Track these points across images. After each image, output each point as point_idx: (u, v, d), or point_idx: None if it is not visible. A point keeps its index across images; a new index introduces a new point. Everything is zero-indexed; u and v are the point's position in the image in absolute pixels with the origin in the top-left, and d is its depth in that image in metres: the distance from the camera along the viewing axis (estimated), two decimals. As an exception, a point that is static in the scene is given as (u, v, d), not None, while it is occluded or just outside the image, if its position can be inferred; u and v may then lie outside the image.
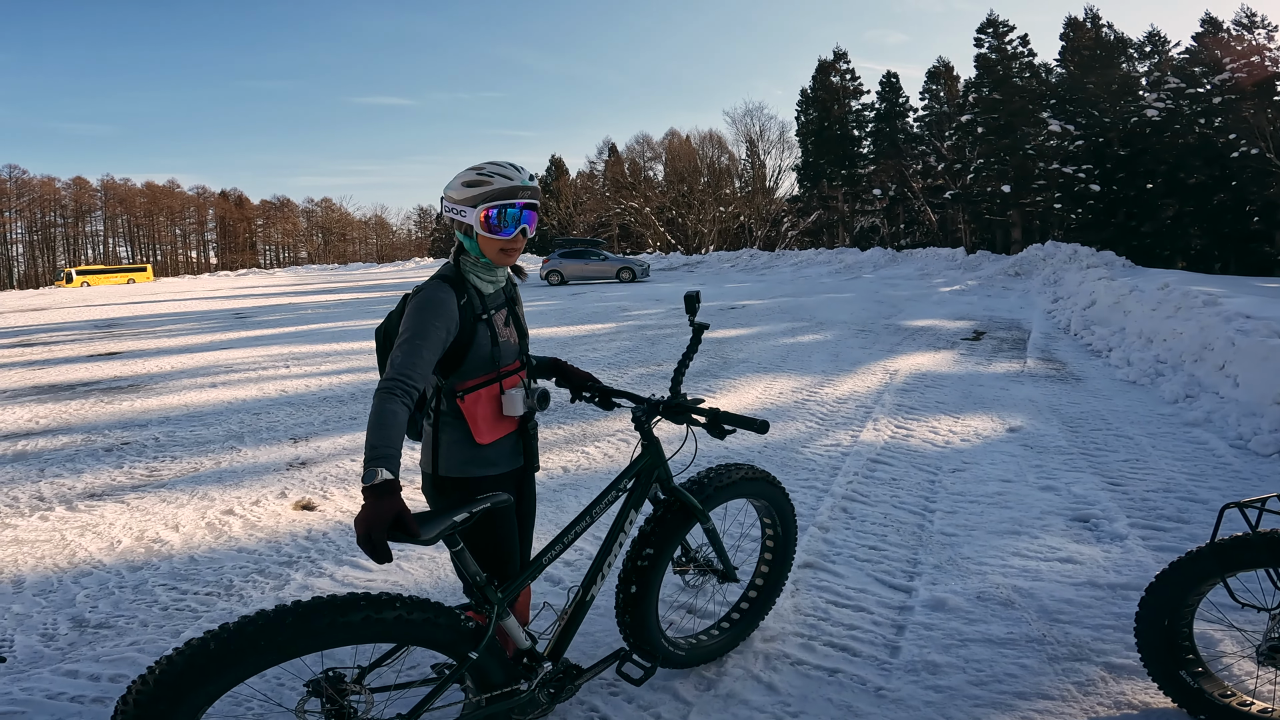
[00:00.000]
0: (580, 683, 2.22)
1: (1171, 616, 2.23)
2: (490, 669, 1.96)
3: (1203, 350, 6.93)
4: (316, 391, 7.96)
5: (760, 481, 2.64)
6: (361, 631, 1.71)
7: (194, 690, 1.55)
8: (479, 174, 2.02)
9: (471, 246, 2.06)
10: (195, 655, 1.56)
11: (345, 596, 1.71)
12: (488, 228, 2.01)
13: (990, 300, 16.07)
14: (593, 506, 2.22)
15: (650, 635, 2.40)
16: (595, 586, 2.26)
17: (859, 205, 41.70)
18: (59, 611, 3.18)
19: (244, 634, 1.59)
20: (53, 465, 5.44)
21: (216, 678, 1.57)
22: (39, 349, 13.05)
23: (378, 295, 24.88)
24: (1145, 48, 34.41)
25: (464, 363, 2.05)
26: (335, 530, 4.03)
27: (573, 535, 2.17)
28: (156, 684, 1.54)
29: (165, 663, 1.56)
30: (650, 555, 2.37)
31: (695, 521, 2.44)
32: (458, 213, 2.03)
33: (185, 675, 1.55)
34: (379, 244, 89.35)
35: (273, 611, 1.64)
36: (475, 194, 2.01)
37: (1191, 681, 2.23)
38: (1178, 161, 27.09)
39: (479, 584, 1.92)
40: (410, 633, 1.78)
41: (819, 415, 6.26)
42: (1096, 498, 4.14)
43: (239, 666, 1.59)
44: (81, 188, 77.98)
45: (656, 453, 2.37)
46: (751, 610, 2.81)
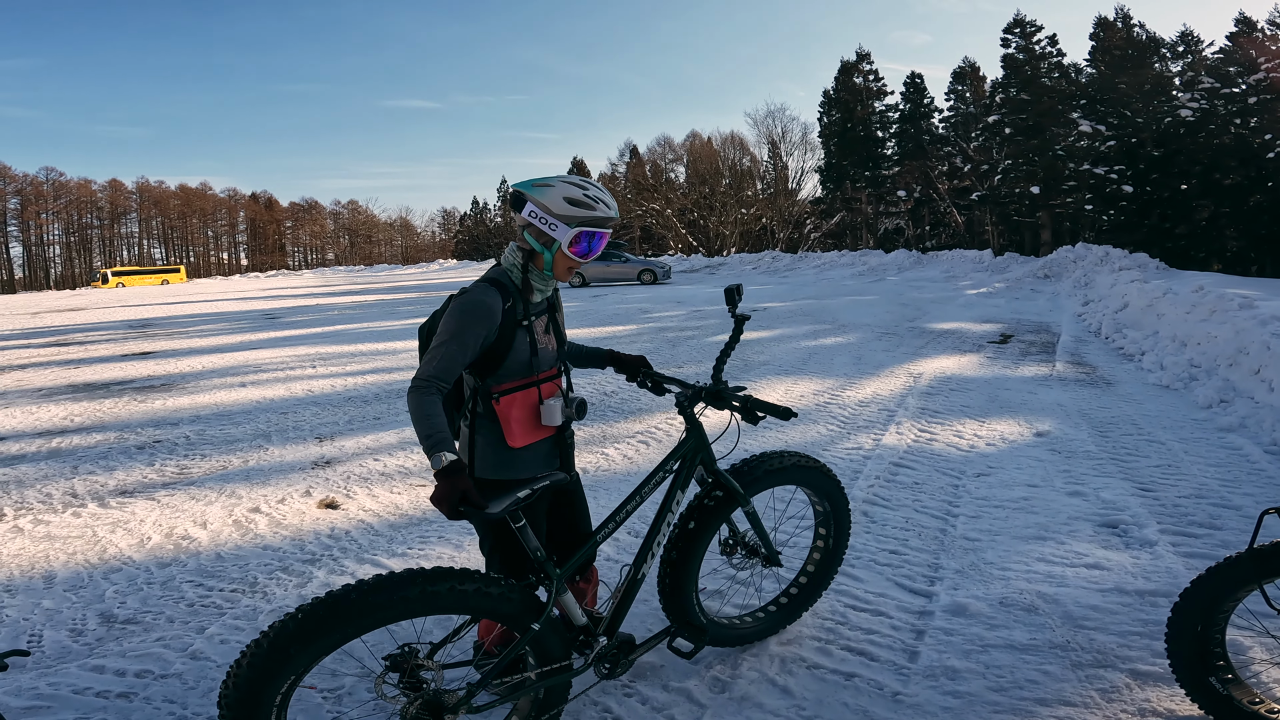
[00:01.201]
0: (634, 657, 2.32)
1: (1205, 622, 2.18)
2: (550, 642, 2.06)
3: (1238, 354, 6.76)
4: (342, 391, 8.07)
5: (814, 470, 2.70)
6: (445, 601, 1.86)
7: (303, 649, 1.73)
8: (585, 196, 2.05)
9: (547, 258, 2.09)
10: (306, 619, 1.73)
11: (433, 569, 1.87)
12: (575, 250, 2.07)
13: (1018, 303, 15.83)
14: (641, 487, 2.33)
15: (688, 612, 2.49)
16: (646, 565, 2.36)
17: (883, 207, 41.31)
18: (88, 607, 3.25)
19: (348, 600, 1.76)
20: (86, 462, 5.57)
21: (324, 638, 1.74)
22: (75, 348, 13.38)
23: (402, 297, 25.15)
24: (1178, 47, 33.70)
25: (501, 366, 2.08)
26: (357, 529, 4.08)
27: (624, 514, 2.29)
28: (270, 645, 1.71)
29: (278, 626, 1.73)
30: (689, 536, 2.46)
31: (737, 504, 2.50)
32: (548, 225, 2.05)
33: (297, 635, 1.72)
34: (404, 246, 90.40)
35: (371, 580, 1.80)
36: (577, 215, 2.05)
37: (1221, 688, 2.18)
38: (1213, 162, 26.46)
39: (539, 559, 2.03)
40: (484, 605, 1.92)
41: (840, 418, 6.21)
42: (1126, 503, 4.06)
43: (344, 630, 1.76)
44: (117, 190, 79.91)
45: (700, 437, 2.44)
46: (798, 597, 2.87)
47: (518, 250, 2.14)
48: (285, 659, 1.72)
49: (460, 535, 3.92)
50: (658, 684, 2.54)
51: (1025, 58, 33.02)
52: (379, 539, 3.93)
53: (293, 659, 1.72)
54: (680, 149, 58.50)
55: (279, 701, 1.77)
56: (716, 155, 54.36)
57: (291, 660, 1.72)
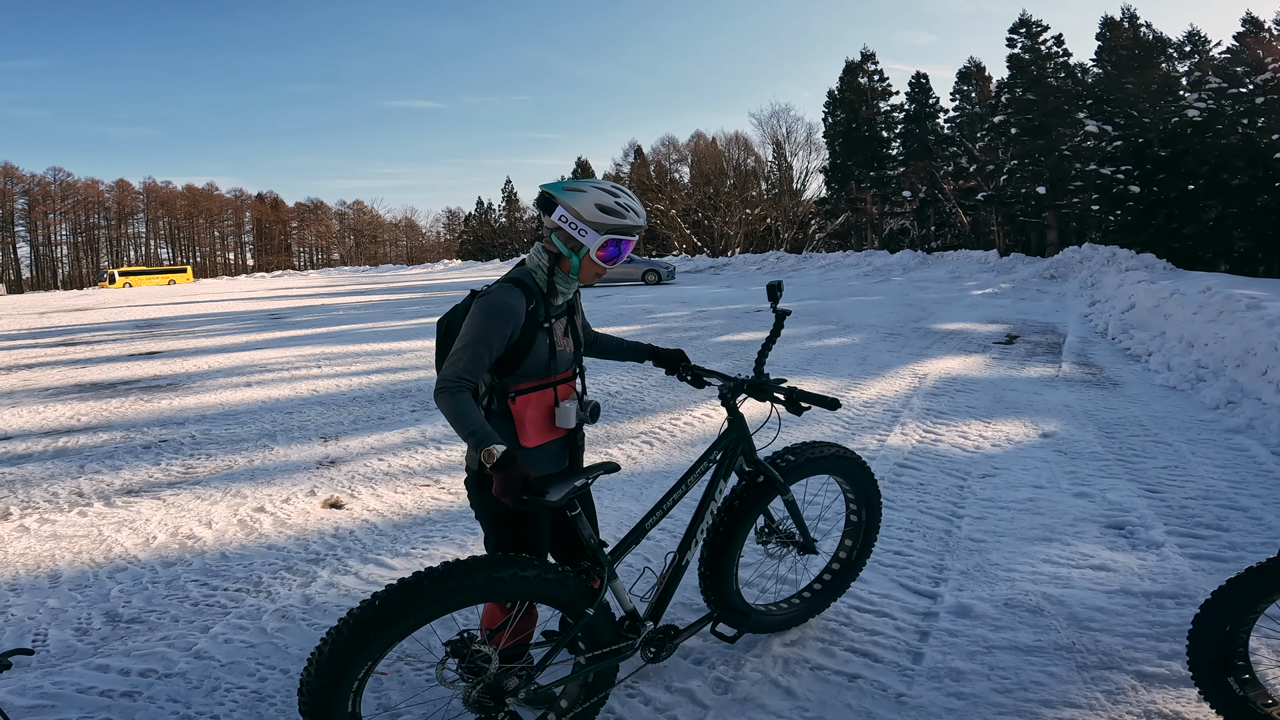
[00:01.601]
0: (678, 642, 2.38)
1: (1233, 623, 2.17)
2: (601, 627, 2.14)
3: (1245, 355, 6.73)
4: (347, 391, 8.08)
5: (848, 460, 2.77)
6: (509, 587, 1.94)
7: (380, 634, 1.81)
8: (617, 204, 2.07)
9: (575, 262, 2.11)
10: (383, 605, 1.82)
11: (496, 556, 1.96)
12: (603, 256, 2.09)
13: (1024, 304, 15.77)
14: (686, 477, 2.40)
15: (729, 597, 2.56)
16: (689, 552, 2.43)
17: (888, 207, 41.21)
18: (93, 606, 3.26)
19: (421, 586, 1.85)
20: (92, 462, 5.59)
21: (400, 624, 1.83)
22: (81, 348, 13.44)
23: (407, 297, 25.20)
24: (1185, 48, 33.54)
25: (520, 366, 2.10)
26: (362, 528, 4.09)
27: (670, 502, 2.35)
28: (350, 631, 1.80)
29: (356, 613, 1.82)
30: (730, 524, 2.53)
31: (776, 493, 2.57)
32: (578, 230, 2.06)
33: (375, 621, 1.80)
34: (409, 246, 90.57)
35: (440, 568, 1.89)
36: (607, 223, 2.06)
37: (1238, 689, 2.17)
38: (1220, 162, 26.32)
39: (592, 547, 2.12)
40: (543, 590, 1.99)
41: (845, 419, 6.19)
42: (1133, 504, 4.04)
43: (418, 615, 1.84)
44: (124, 190, 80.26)
45: (741, 428, 2.50)
46: (831, 584, 2.94)
47: (544, 252, 2.14)
48: (364, 645, 1.80)
49: (464, 536, 3.93)
50: (660, 685, 2.53)
51: (1031, 58, 32.88)
52: (383, 539, 3.93)
53: (371, 645, 1.80)
54: (685, 149, 58.50)
55: (355, 687, 1.85)
56: (721, 155, 54.31)
57: (370, 646, 1.81)
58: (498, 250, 69.01)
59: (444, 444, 5.78)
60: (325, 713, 1.82)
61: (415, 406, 7.18)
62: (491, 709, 1.99)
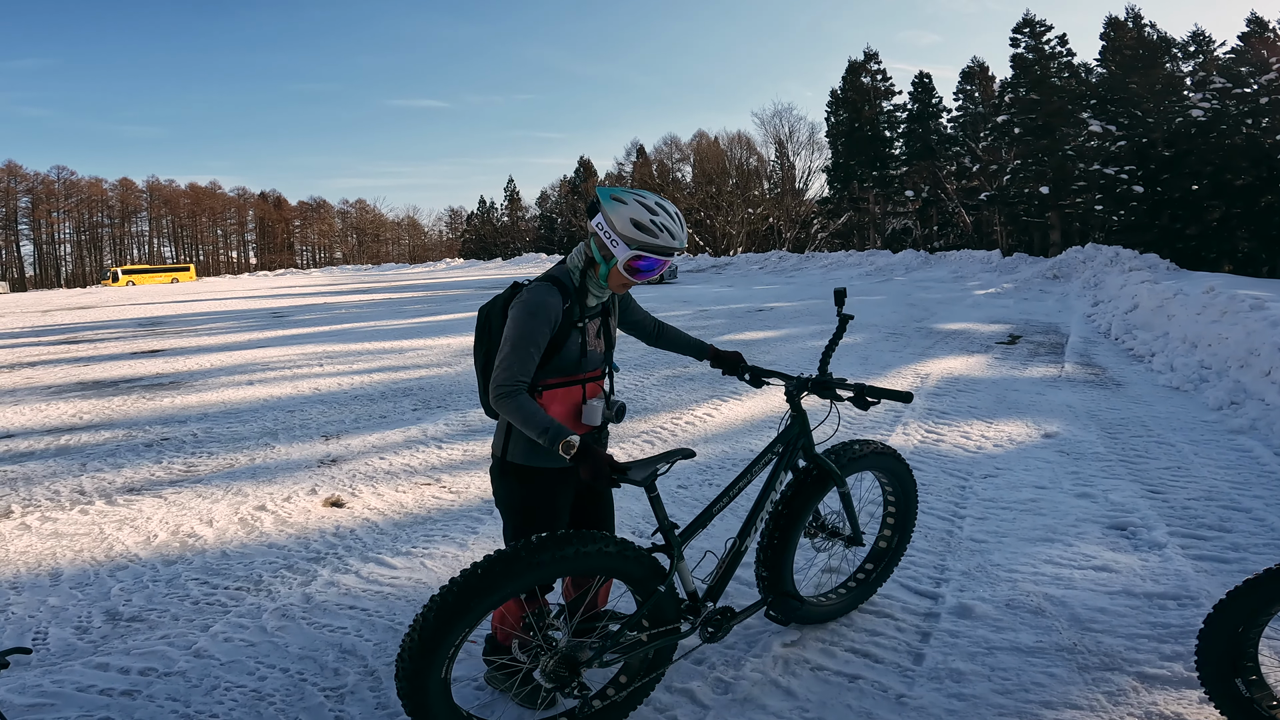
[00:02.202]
0: (734, 623, 2.46)
1: (1246, 625, 2.16)
2: (666, 605, 2.25)
3: (1249, 356, 6.70)
4: (349, 390, 8.09)
5: (889, 457, 2.89)
6: (593, 562, 2.08)
7: (481, 601, 1.94)
8: (652, 222, 2.10)
9: (604, 270, 2.17)
10: (485, 574, 1.95)
11: (582, 532, 2.08)
12: (630, 270, 2.14)
13: (1027, 304, 15.74)
14: (751, 467, 2.50)
15: (786, 581, 2.66)
16: (749, 538, 2.54)
17: (891, 207, 41.16)
18: (94, 604, 3.26)
19: (518, 557, 1.98)
20: (94, 460, 5.60)
21: (497, 592, 1.96)
22: (84, 346, 13.46)
23: (410, 296, 25.21)
24: (1189, 48, 33.45)
25: (549, 362, 2.17)
26: (362, 527, 4.08)
27: (736, 490, 2.45)
28: (455, 597, 1.93)
29: (459, 580, 1.95)
30: (790, 513, 2.63)
31: (831, 486, 2.68)
32: (610, 240, 2.12)
33: (477, 589, 1.94)
34: (411, 245, 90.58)
35: (535, 540, 2.01)
36: (638, 239, 2.10)
37: (1245, 690, 2.16)
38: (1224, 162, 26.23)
39: (666, 528, 2.23)
40: (620, 566, 2.14)
41: (846, 419, 6.17)
42: (1135, 505, 4.03)
43: (514, 583, 1.97)
44: (128, 189, 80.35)
45: (803, 423, 2.62)
46: (872, 577, 3.03)
47: (582, 254, 2.22)
48: (466, 610, 1.93)
49: (465, 535, 3.92)
50: (660, 684, 2.52)
51: (1035, 57, 32.82)
52: (384, 537, 3.93)
53: (472, 610, 1.93)
54: (687, 148, 58.50)
55: (452, 653, 1.96)
56: (723, 155, 54.26)
57: (470, 612, 1.93)
58: (500, 249, 69.01)
59: (445, 443, 5.78)
60: (422, 676, 1.94)
61: (417, 405, 7.18)
62: (566, 678, 2.12)
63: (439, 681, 1.98)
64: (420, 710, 1.98)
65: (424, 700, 1.97)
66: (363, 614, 3.09)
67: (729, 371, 2.66)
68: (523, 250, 64.87)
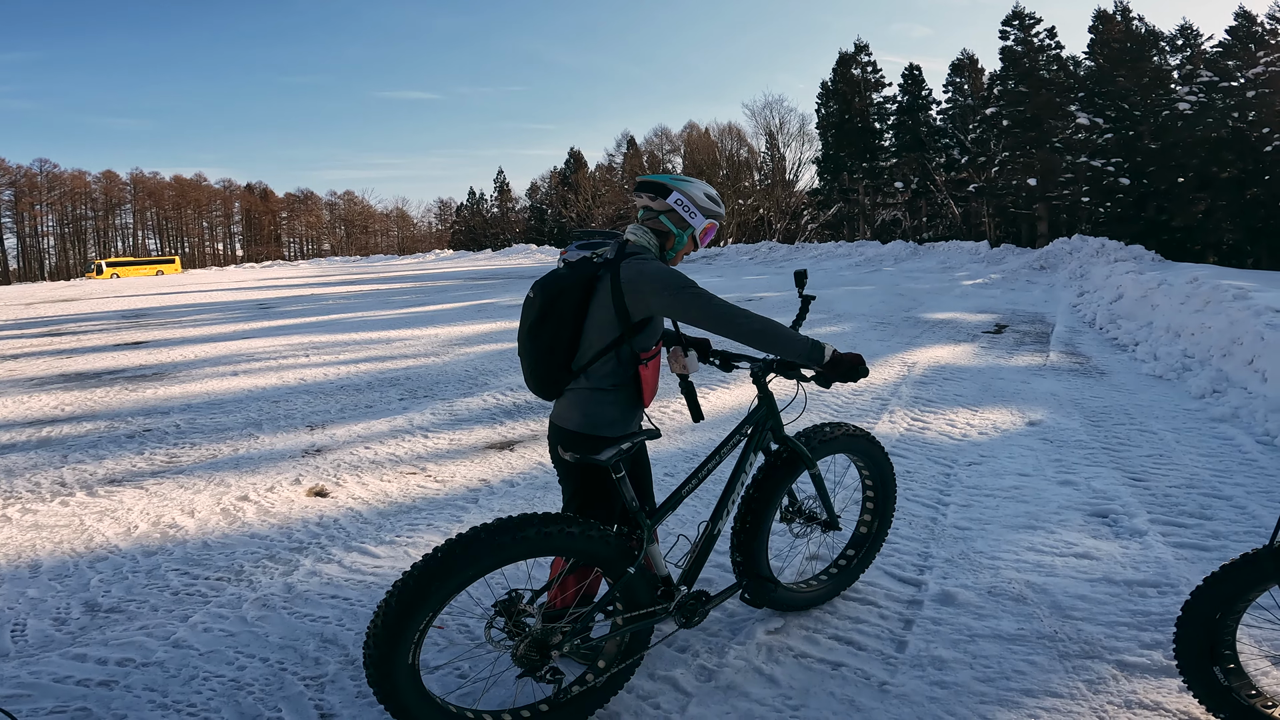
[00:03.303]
0: (709, 608, 2.48)
1: (1224, 611, 2.17)
2: (639, 589, 2.27)
3: (1231, 345, 6.76)
4: (335, 380, 8.03)
5: (861, 439, 2.89)
6: (556, 543, 2.09)
7: (442, 585, 1.95)
8: (717, 197, 2.45)
9: (680, 241, 2.39)
10: (445, 557, 1.97)
11: (544, 514, 2.10)
12: (703, 238, 2.41)
13: (1014, 294, 15.82)
14: (720, 449, 2.52)
15: (760, 565, 2.66)
16: (721, 521, 2.55)
17: (880, 198, 41.20)
18: (72, 596, 3.23)
19: (478, 540, 1.99)
20: (76, 451, 5.53)
21: (459, 574, 1.97)
22: (67, 338, 13.30)
23: (398, 287, 25.05)
24: (1177, 41, 33.56)
25: (646, 329, 2.31)
26: (346, 516, 4.06)
27: (705, 472, 2.46)
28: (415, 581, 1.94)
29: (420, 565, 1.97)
30: (761, 495, 2.64)
31: (803, 468, 2.69)
32: (689, 213, 2.36)
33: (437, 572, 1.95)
34: (400, 236, 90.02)
35: (494, 523, 2.05)
36: (712, 210, 2.41)
37: (1223, 679, 2.18)
38: (1210, 155, 26.40)
39: (633, 509, 2.27)
40: (586, 547, 2.14)
41: (834, 406, 6.19)
42: (1117, 493, 4.05)
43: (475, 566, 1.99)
44: (111, 181, 79.35)
45: (771, 405, 2.64)
46: (852, 564, 3.04)
47: (649, 231, 2.38)
48: (427, 594, 1.94)
49: (449, 523, 3.90)
50: (643, 672, 2.52)
51: (1024, 50, 32.85)
52: (368, 526, 3.91)
53: (433, 595, 1.95)
54: (677, 140, 58.24)
55: (416, 639, 1.97)
56: (714, 146, 54.10)
57: (432, 596, 1.95)
58: (490, 240, 68.65)
59: (431, 432, 5.75)
60: (389, 662, 1.95)
61: (403, 395, 7.14)
62: (537, 662, 2.13)
63: (406, 668, 1.98)
64: (391, 698, 1.99)
65: (393, 688, 1.98)
66: (345, 603, 3.07)
67: (701, 357, 2.67)
68: (512, 241, 64.56)
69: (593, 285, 2.28)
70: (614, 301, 2.23)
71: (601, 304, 2.25)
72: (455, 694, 2.43)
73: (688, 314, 2.19)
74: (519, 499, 4.27)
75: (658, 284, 2.19)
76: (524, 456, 5.09)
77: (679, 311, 2.20)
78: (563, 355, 2.29)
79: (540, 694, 2.31)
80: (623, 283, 2.22)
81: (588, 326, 2.29)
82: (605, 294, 2.25)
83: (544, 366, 2.30)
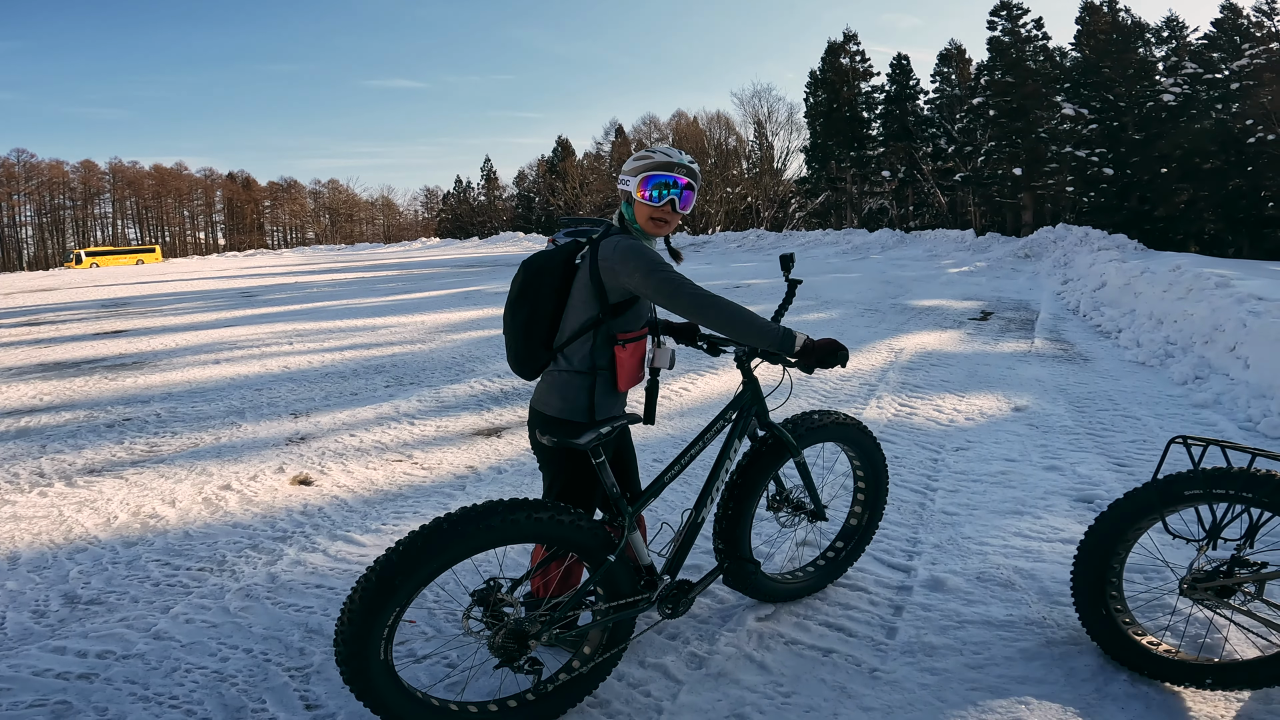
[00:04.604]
0: (693, 595, 2.44)
1: (1114, 544, 2.34)
2: (620, 577, 2.22)
3: (1213, 332, 6.82)
4: (319, 368, 7.94)
5: (852, 428, 2.84)
6: (525, 529, 2.03)
7: (406, 579, 1.90)
8: (646, 152, 2.30)
9: (629, 213, 2.30)
10: (407, 550, 1.91)
11: (510, 500, 2.04)
12: (645, 197, 2.25)
13: (999, 281, 15.89)
14: (704, 434, 2.48)
15: (742, 547, 2.63)
16: (705, 509, 2.49)
17: (868, 187, 41.26)
18: (52, 588, 3.17)
19: (440, 531, 1.94)
20: (54, 441, 5.44)
21: (423, 567, 1.92)
22: (46, 328, 13.08)
23: (384, 274, 24.83)
24: (1163, 32, 33.72)
25: (628, 311, 2.26)
26: (331, 505, 4.01)
27: (688, 458, 2.42)
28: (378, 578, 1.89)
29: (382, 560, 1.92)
30: (745, 484, 2.60)
31: (789, 456, 2.63)
32: (623, 182, 2.30)
33: (400, 567, 1.90)
34: (385, 225, 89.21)
35: (457, 512, 1.99)
36: (640, 165, 2.27)
37: (1113, 617, 2.37)
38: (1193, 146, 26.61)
39: (614, 496, 2.22)
40: (558, 533, 2.09)
41: (821, 392, 6.19)
42: (1102, 478, 4.08)
43: (440, 558, 1.93)
44: (90, 171, 78.01)
45: (755, 390, 2.59)
46: (841, 555, 2.99)
47: (619, 215, 2.36)
48: (392, 590, 1.89)
49: (436, 510, 3.86)
50: (634, 660, 2.51)
51: (1011, 40, 32.91)
52: (353, 515, 3.86)
53: (398, 590, 1.89)
54: (666, 128, 57.99)
55: (386, 634, 1.93)
56: (702, 135, 53.92)
57: (397, 591, 1.89)
58: (476, 229, 68.19)
59: (418, 419, 5.70)
60: (360, 659, 1.91)
61: (389, 382, 7.07)
62: (514, 651, 2.09)
63: (380, 663, 1.94)
64: (367, 694, 1.95)
65: (368, 684, 1.94)
66: (330, 593, 3.03)
67: (685, 341, 2.63)
68: (500, 229, 64.16)
69: (574, 263, 2.29)
70: (592, 280, 2.21)
71: (580, 281, 2.25)
72: (443, 684, 2.40)
73: (660, 296, 2.14)
74: (507, 485, 4.24)
75: (631, 263, 2.15)
76: (511, 443, 5.05)
77: (651, 293, 2.15)
78: (541, 332, 2.28)
79: (526, 685, 2.29)
80: (599, 260, 2.21)
81: (568, 304, 2.28)
82: (585, 272, 2.24)
83: (522, 343, 2.29)
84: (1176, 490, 2.23)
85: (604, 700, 2.32)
